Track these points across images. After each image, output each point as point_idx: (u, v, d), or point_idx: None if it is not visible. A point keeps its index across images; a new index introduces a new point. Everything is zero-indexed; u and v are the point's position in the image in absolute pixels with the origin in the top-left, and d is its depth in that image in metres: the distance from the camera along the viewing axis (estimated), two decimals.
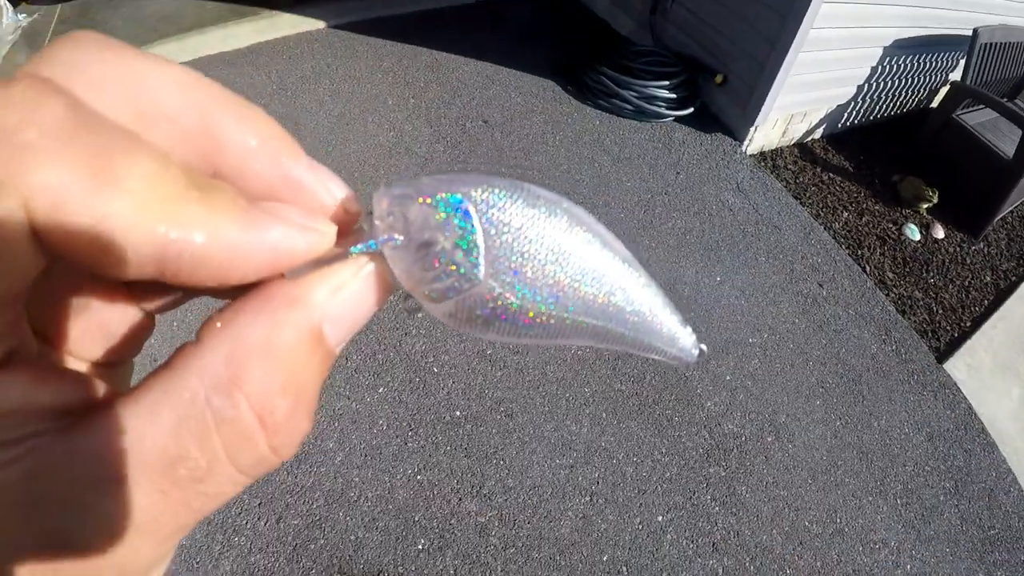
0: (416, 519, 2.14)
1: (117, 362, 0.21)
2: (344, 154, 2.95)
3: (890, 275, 3.09)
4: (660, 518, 2.24)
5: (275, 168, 0.19)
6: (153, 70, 0.17)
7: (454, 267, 0.19)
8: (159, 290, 0.21)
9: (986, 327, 3.13)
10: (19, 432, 0.16)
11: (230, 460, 0.17)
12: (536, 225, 0.19)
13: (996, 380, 2.98)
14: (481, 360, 2.43)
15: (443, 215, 0.19)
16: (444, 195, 0.19)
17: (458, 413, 2.32)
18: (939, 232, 3.38)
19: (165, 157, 0.16)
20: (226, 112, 0.18)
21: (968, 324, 3.11)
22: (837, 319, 2.79)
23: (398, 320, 2.51)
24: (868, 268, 3.07)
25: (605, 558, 2.17)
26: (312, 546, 2.06)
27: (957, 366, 2.95)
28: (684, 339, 0.23)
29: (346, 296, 0.19)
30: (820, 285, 2.84)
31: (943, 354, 2.95)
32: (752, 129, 3.33)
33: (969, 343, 3.04)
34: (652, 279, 0.22)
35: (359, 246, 0.19)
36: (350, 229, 0.20)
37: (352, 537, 2.08)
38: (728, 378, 2.52)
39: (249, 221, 0.17)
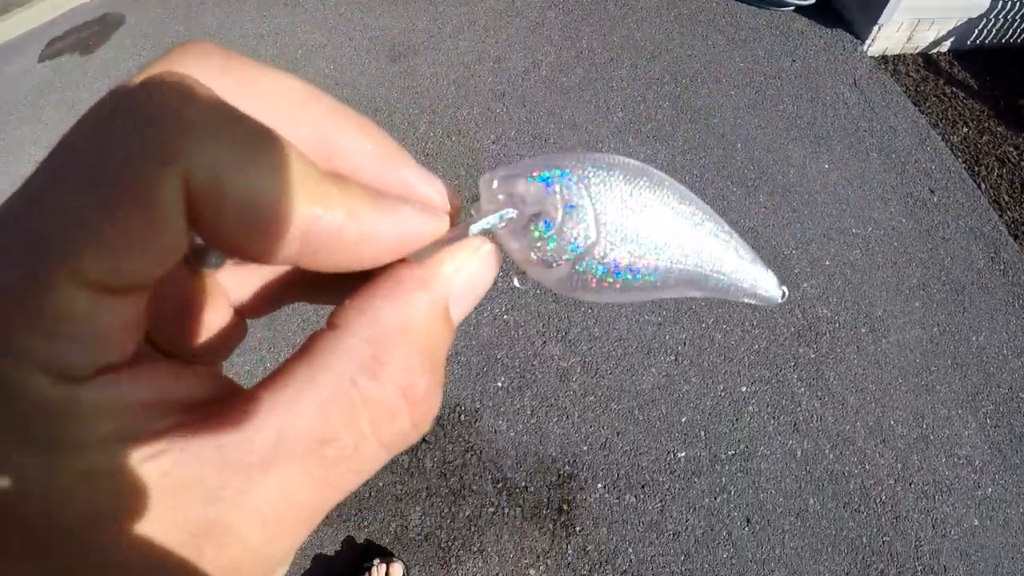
0: (498, 357, 2.09)
1: (210, 363, 0.22)
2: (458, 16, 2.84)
3: (1006, 198, 2.89)
4: (744, 388, 2.16)
5: (388, 170, 0.20)
6: (274, 82, 0.18)
7: (567, 233, 0.20)
8: (257, 296, 0.22)
9: None
10: (160, 424, 0.16)
11: (375, 437, 0.17)
12: (636, 193, 0.21)
13: None
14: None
15: (552, 188, 0.20)
16: (550, 171, 0.20)
17: None
18: None
19: (300, 150, 0.17)
20: (342, 121, 0.19)
21: None
22: (945, 227, 2.60)
23: (499, 164, 2.44)
24: (984, 186, 2.85)
25: (684, 420, 2.10)
26: None
27: None
28: (769, 283, 0.24)
29: (468, 274, 0.19)
30: (931, 191, 2.66)
31: None
32: (875, 28, 3.08)
33: None
34: (734, 232, 0.24)
35: (479, 224, 0.20)
36: (456, 218, 0.21)
37: None
38: (827, 263, 2.36)
39: (380, 205, 0.18)
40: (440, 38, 2.67)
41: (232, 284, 0.21)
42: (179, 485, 0.15)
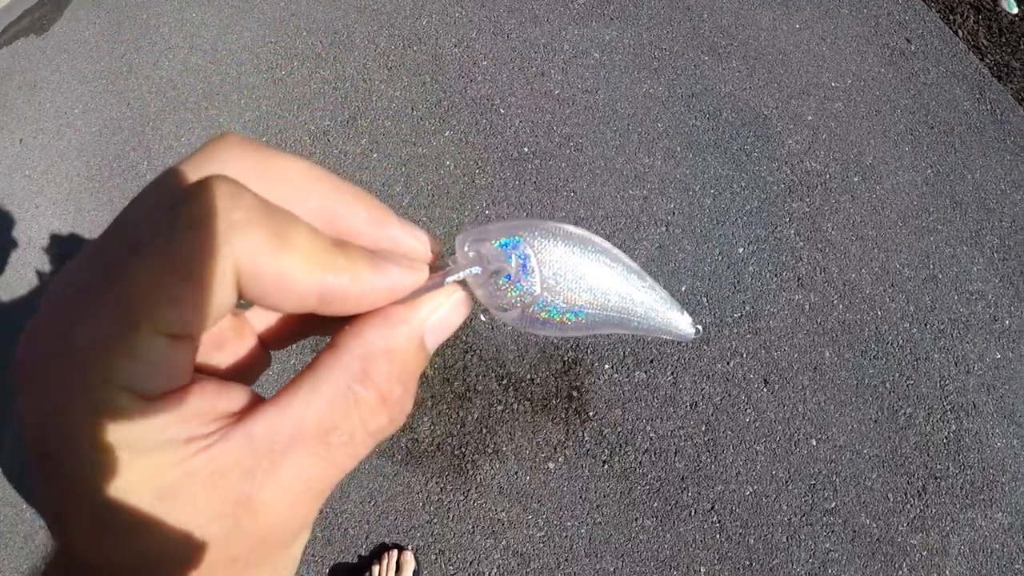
0: None
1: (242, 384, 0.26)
2: None
3: (984, 42, 2.81)
4: (741, 250, 2.09)
5: (379, 230, 0.25)
6: (286, 165, 0.24)
7: (519, 286, 0.26)
8: (279, 332, 0.28)
9: None
10: (209, 428, 0.21)
11: (363, 427, 0.23)
12: (572, 255, 0.26)
13: None
14: (548, 99, 2.23)
15: (508, 251, 0.26)
16: (508, 238, 0.26)
17: (526, 149, 2.15)
18: None
19: (315, 228, 0.22)
20: (341, 195, 0.24)
21: None
22: (926, 73, 2.48)
23: (463, 67, 2.37)
24: (961, 33, 2.74)
25: (684, 288, 2.04)
26: None
27: None
28: (682, 323, 0.29)
29: (441, 314, 0.25)
30: (908, 40, 2.57)
31: None
32: None
33: None
34: (656, 283, 0.28)
35: (452, 277, 0.25)
36: (436, 263, 0.26)
37: None
38: (810, 118, 2.26)
39: (375, 266, 0.23)
40: None
41: (259, 322, 0.27)
42: (222, 468, 0.20)
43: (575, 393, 1.90)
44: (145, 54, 2.85)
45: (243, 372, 0.26)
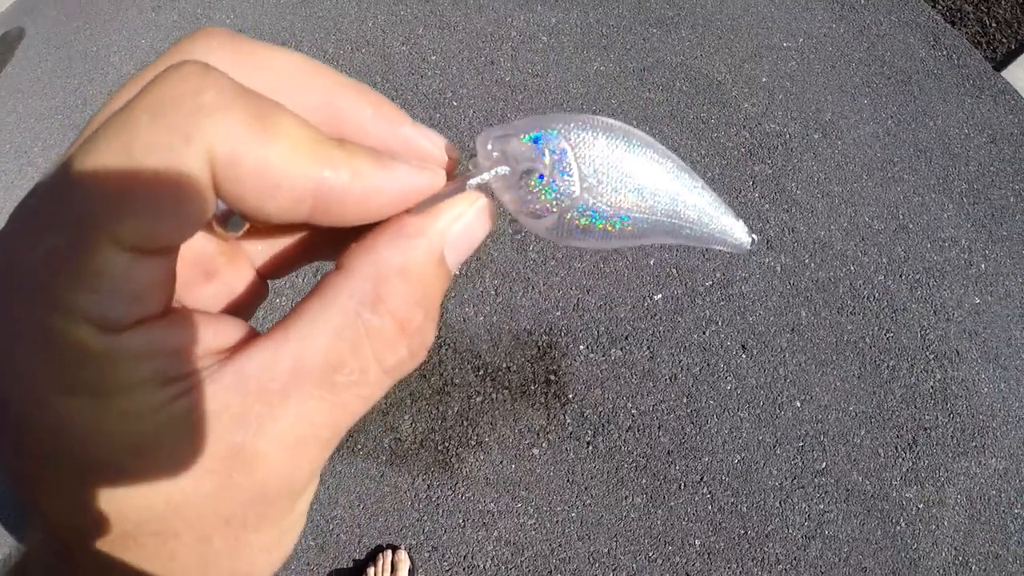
0: None
1: None
2: None
3: None
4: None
5: (388, 129, 0.22)
6: (280, 58, 0.20)
7: (554, 187, 0.22)
8: (276, 258, 0.24)
9: None
10: (185, 368, 0.18)
11: (378, 363, 0.19)
12: (616, 150, 0.23)
13: None
14: (500, 87, 2.22)
15: (541, 146, 0.22)
16: (540, 131, 0.23)
17: None
18: None
19: (305, 119, 0.19)
20: (343, 89, 0.21)
21: None
22: (879, 24, 2.47)
23: (412, 64, 2.38)
24: None
25: (651, 262, 2.04)
26: None
27: (1017, 75, 2.68)
28: (738, 230, 0.26)
29: (462, 225, 0.21)
30: None
31: (1000, 63, 2.69)
32: None
33: None
34: (707, 186, 0.25)
35: (475, 179, 0.22)
36: (454, 171, 0.23)
37: None
38: (764, 80, 2.26)
39: (381, 163, 0.20)
40: None
41: (254, 249, 0.24)
42: (208, 415, 0.17)
43: (552, 377, 1.90)
44: (98, 85, 2.85)
45: (237, 306, 0.23)
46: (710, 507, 1.86)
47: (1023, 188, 2.38)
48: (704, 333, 1.95)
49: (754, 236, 0.27)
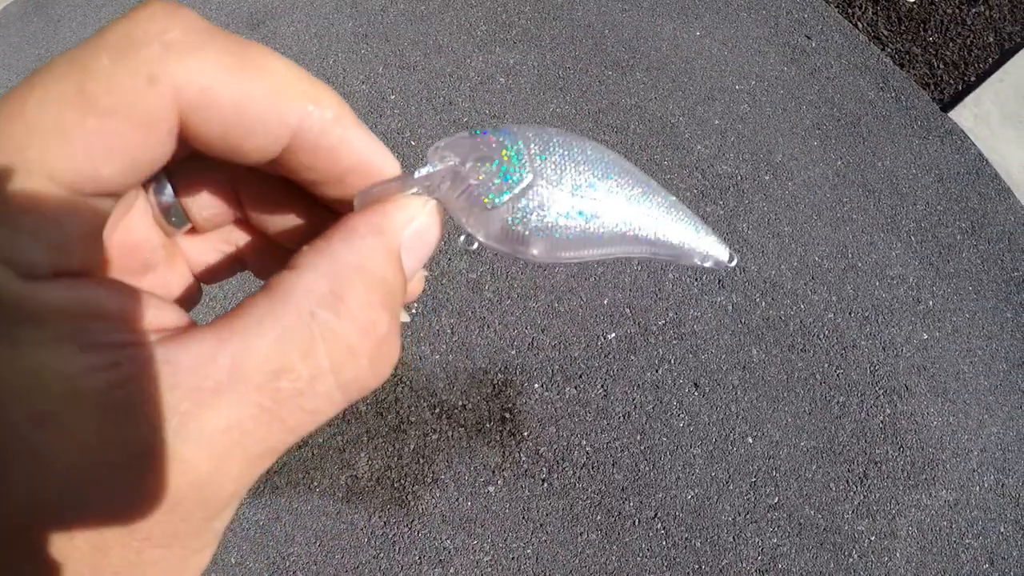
0: None
1: None
2: None
3: (884, 32, 3.01)
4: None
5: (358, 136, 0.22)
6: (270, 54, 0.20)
7: (505, 170, 0.22)
8: (213, 263, 0.24)
9: (992, 80, 2.97)
10: (112, 337, 0.16)
11: (333, 374, 0.18)
12: (569, 143, 0.23)
13: (1006, 130, 2.87)
14: (458, 127, 2.27)
15: (488, 136, 0.22)
16: (490, 128, 0.23)
17: None
18: None
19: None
20: (303, 89, 0.20)
21: (972, 79, 2.94)
22: (829, 68, 2.64)
23: (371, 103, 2.51)
24: (860, 25, 2.87)
25: (606, 302, 2.18)
26: None
27: (963, 115, 2.84)
28: (714, 245, 0.26)
29: (417, 227, 0.21)
30: (808, 37, 2.76)
31: (947, 104, 2.79)
32: None
33: (975, 94, 2.87)
34: (679, 203, 0.26)
35: (423, 170, 0.22)
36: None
37: None
38: (717, 122, 2.41)
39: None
40: None
41: (192, 251, 0.24)
42: (128, 401, 0.16)
43: (507, 415, 2.01)
44: None
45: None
46: (664, 543, 1.98)
47: (970, 226, 2.57)
48: (657, 371, 2.09)
49: (734, 254, 0.27)
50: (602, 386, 2.04)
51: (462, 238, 0.25)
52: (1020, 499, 2.16)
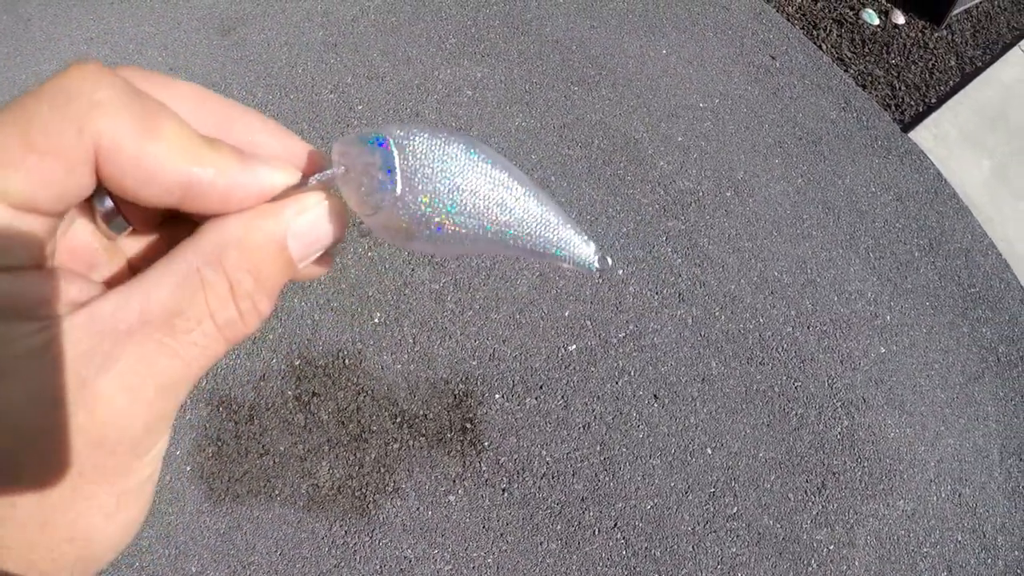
0: (370, 294, 2.18)
1: None
2: None
3: (848, 54, 3.15)
4: (620, 271, 2.33)
5: (276, 142, 0.28)
6: (177, 83, 0.26)
7: (380, 184, 0.26)
8: (151, 261, 0.27)
9: (952, 103, 3.13)
10: (47, 310, 0.21)
11: (212, 316, 0.24)
12: (441, 153, 0.26)
13: (964, 151, 3.00)
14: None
15: (373, 148, 0.26)
16: (372, 134, 0.26)
17: None
18: (899, 18, 3.38)
19: (185, 121, 0.24)
20: (233, 110, 0.27)
21: (933, 101, 3.12)
22: (792, 87, 2.78)
23: (339, 113, 2.62)
24: (825, 47, 3.03)
25: (567, 313, 2.29)
26: (271, 336, 2.10)
27: (923, 136, 2.95)
28: (579, 245, 0.29)
29: (307, 218, 0.26)
30: (772, 58, 2.90)
31: (908, 125, 2.94)
32: None
33: (935, 116, 3.06)
34: (547, 194, 0.29)
35: (315, 177, 0.26)
36: (312, 171, 0.27)
37: (309, 321, 2.12)
38: (680, 139, 2.53)
39: (244, 163, 0.25)
40: (267, 3, 2.84)
41: (136, 253, 0.28)
42: (62, 349, 0.21)
43: (468, 425, 2.11)
44: None
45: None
46: (624, 552, 2.07)
47: (928, 244, 2.74)
48: (617, 383, 2.20)
49: (607, 258, 0.30)
50: (562, 397, 2.14)
51: (357, 231, 0.32)
52: (977, 508, 2.27)
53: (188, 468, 1.93)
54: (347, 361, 2.10)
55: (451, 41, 2.68)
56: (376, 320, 2.13)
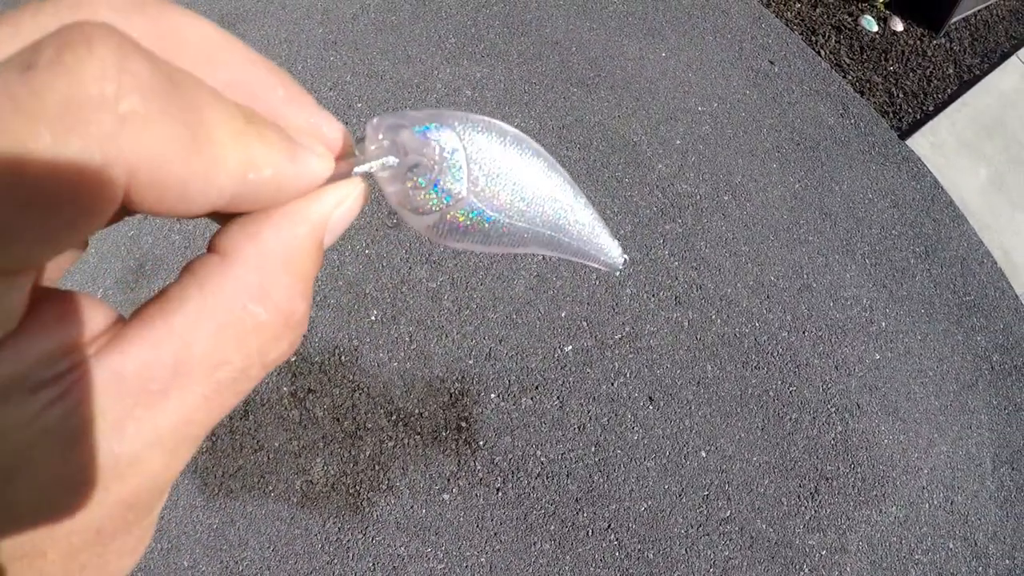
0: (367, 291, 2.19)
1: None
2: None
3: (847, 60, 3.16)
4: (617, 273, 2.41)
5: (298, 114, 0.23)
6: (190, 25, 0.20)
7: (439, 183, 0.24)
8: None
9: (949, 111, 3.19)
10: (59, 368, 0.17)
11: (260, 358, 0.20)
12: (508, 156, 0.25)
13: (961, 159, 3.05)
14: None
15: (430, 141, 0.24)
16: (433, 124, 0.24)
17: None
18: (898, 25, 3.45)
19: (227, 102, 0.19)
20: (256, 67, 0.22)
21: (931, 108, 3.17)
22: (790, 93, 2.80)
23: (338, 110, 2.64)
24: (823, 53, 3.09)
25: (563, 315, 2.31)
26: None
27: (921, 143, 2.98)
28: (612, 249, 0.29)
29: (343, 210, 0.23)
30: (771, 63, 2.93)
31: (905, 132, 2.99)
32: None
33: (932, 123, 3.11)
34: (588, 201, 0.28)
35: (362, 167, 0.23)
36: (344, 155, 0.24)
37: None
38: (678, 143, 2.56)
39: (294, 157, 0.21)
40: (267, 0, 2.90)
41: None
42: (85, 424, 0.17)
43: (464, 424, 2.13)
44: None
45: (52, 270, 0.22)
46: (617, 553, 2.10)
47: (923, 251, 2.78)
48: (613, 384, 2.22)
49: (626, 256, 0.30)
50: (558, 398, 2.17)
51: (389, 224, 0.31)
52: (969, 516, 2.30)
53: None
54: (343, 358, 2.12)
55: (451, 41, 2.70)
56: (373, 317, 2.15)
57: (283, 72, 0.23)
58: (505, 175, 0.25)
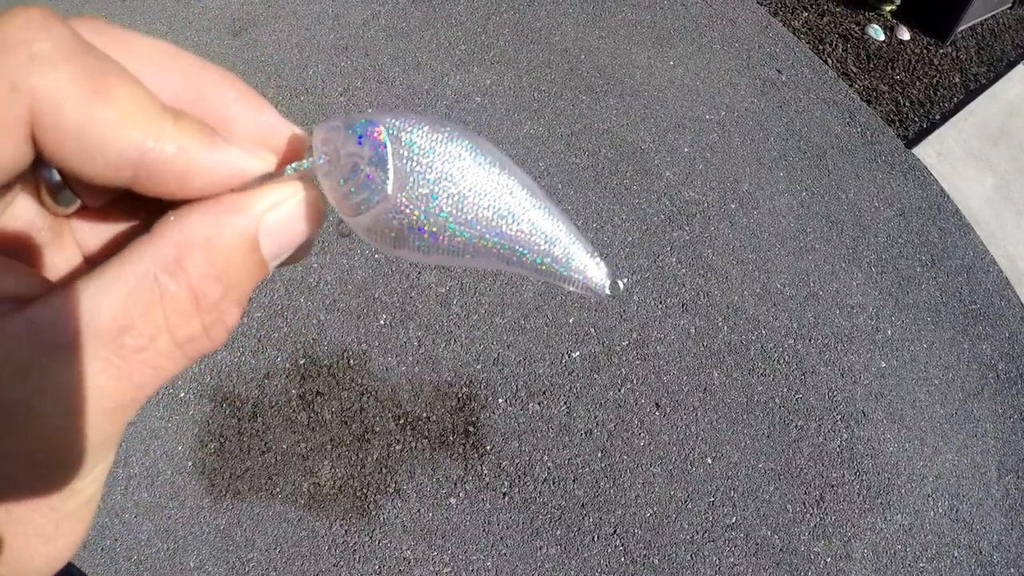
0: (376, 295, 2.20)
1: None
2: None
3: (853, 69, 3.17)
4: (625, 279, 2.42)
5: (252, 115, 0.24)
6: (144, 41, 0.22)
7: (368, 182, 0.23)
8: (107, 246, 0.25)
9: (956, 120, 3.19)
10: None
11: (169, 332, 0.20)
12: (444, 153, 0.23)
13: (968, 168, 3.05)
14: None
15: (361, 138, 0.23)
16: (363, 121, 0.23)
17: None
18: (904, 34, 3.46)
19: (144, 86, 0.20)
20: (207, 73, 0.23)
21: (937, 117, 3.18)
22: (798, 101, 2.82)
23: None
24: (830, 61, 3.12)
25: (571, 321, 2.33)
26: (276, 335, 2.12)
27: (927, 152, 2.99)
28: (591, 268, 0.26)
29: (281, 213, 0.22)
30: (779, 71, 2.95)
31: (911, 141, 3.01)
32: None
33: (938, 132, 3.11)
34: (557, 207, 0.26)
35: (292, 165, 0.23)
36: (291, 157, 0.24)
37: (314, 321, 2.15)
38: (686, 150, 2.58)
39: (211, 142, 0.21)
40: (278, 5, 2.90)
41: (86, 233, 0.25)
42: None
43: (471, 428, 2.15)
44: None
45: (54, 287, 0.22)
46: (623, 559, 2.11)
47: (929, 259, 2.79)
48: (620, 390, 2.24)
49: (617, 280, 0.27)
50: (565, 403, 2.18)
51: (339, 231, 0.26)
52: (974, 525, 2.30)
53: (189, 464, 1.96)
54: (352, 362, 2.14)
55: (461, 48, 2.73)
56: (382, 322, 2.17)
57: (239, 80, 0.24)
58: (437, 174, 0.23)
